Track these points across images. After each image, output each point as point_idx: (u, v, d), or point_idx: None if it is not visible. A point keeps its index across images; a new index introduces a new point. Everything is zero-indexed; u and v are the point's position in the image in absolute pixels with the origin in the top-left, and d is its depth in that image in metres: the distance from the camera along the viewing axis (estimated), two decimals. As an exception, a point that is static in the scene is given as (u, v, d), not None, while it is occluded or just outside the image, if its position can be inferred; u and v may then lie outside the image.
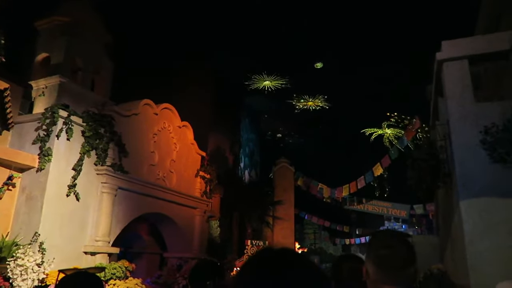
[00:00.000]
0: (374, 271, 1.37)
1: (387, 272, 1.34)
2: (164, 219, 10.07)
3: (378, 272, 1.36)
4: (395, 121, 26.75)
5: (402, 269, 1.33)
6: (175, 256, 10.41)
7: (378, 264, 1.36)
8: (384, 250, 1.37)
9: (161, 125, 9.88)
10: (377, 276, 1.36)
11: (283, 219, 20.25)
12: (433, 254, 9.13)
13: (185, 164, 10.80)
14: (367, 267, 1.41)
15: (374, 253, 1.39)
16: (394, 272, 1.34)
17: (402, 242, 1.38)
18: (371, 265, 1.39)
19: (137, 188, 8.68)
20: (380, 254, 1.37)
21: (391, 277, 1.33)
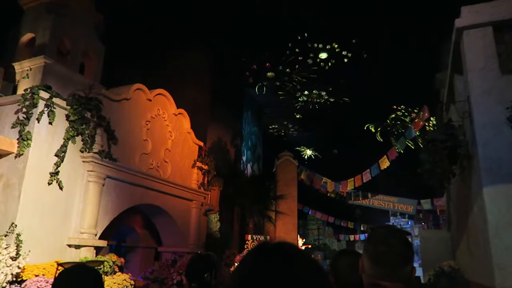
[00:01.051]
0: (370, 266, 1.37)
1: (383, 269, 1.33)
2: (158, 212, 9.54)
3: (374, 267, 1.35)
4: (402, 114, 26.06)
5: (398, 267, 1.33)
6: (169, 250, 9.89)
7: (374, 260, 1.36)
8: (381, 246, 1.35)
9: (154, 112, 9.32)
10: (373, 271, 1.36)
11: (286, 214, 19.71)
12: (444, 250, 8.53)
13: (181, 154, 10.26)
14: (364, 262, 1.41)
15: (372, 248, 1.38)
16: (390, 269, 1.33)
17: (400, 240, 1.37)
18: (368, 260, 1.38)
19: (128, 177, 8.15)
20: (378, 250, 1.36)
21: (387, 273, 1.33)
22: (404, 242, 1.37)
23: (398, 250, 1.34)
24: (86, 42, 8.80)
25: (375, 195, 18.73)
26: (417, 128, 13.28)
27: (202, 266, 2.44)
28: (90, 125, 7.34)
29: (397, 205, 17.80)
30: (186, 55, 14.65)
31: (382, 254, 1.34)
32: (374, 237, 1.42)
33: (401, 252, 1.34)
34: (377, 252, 1.35)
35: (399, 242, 1.36)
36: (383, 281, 1.32)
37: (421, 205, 17.48)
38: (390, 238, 1.37)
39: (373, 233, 1.46)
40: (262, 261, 0.79)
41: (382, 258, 1.34)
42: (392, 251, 1.33)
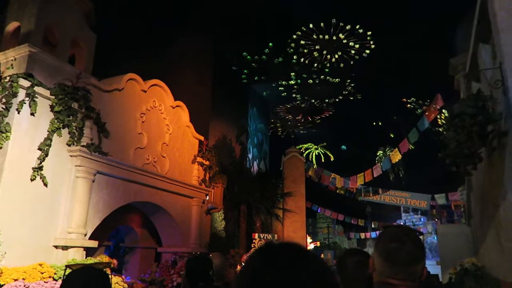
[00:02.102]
0: (381, 264, 1.36)
1: (394, 267, 1.33)
2: (156, 210, 8.99)
3: (385, 265, 1.35)
4: (413, 107, 25.25)
5: (409, 265, 1.33)
6: (169, 251, 9.34)
7: (385, 257, 1.36)
8: (393, 244, 1.35)
9: (150, 104, 8.77)
10: (384, 269, 1.35)
11: (294, 212, 19.06)
12: (464, 246, 7.84)
13: (180, 148, 9.69)
14: (374, 259, 1.41)
15: (383, 246, 1.38)
16: (401, 267, 1.32)
17: (412, 238, 1.36)
18: (378, 258, 1.38)
19: (121, 173, 7.60)
20: (388, 248, 1.36)
21: (397, 271, 1.32)
22: (416, 241, 1.37)
23: (410, 248, 1.34)
24: (76, 31, 8.26)
25: (387, 191, 17.98)
26: (430, 118, 12.57)
27: (204, 265, 2.53)
28: (77, 117, 6.80)
29: (410, 201, 17.02)
30: (186, 49, 14.08)
31: (393, 251, 1.34)
32: (386, 235, 1.42)
33: (413, 251, 1.34)
34: (388, 250, 1.35)
35: (411, 240, 1.36)
36: (393, 279, 1.33)
37: (435, 200, 16.70)
38: (402, 236, 1.37)
39: (385, 231, 1.46)
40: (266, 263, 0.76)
41: (393, 256, 1.34)
42: (403, 249, 1.33)
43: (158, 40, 13.54)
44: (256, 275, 0.75)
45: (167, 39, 13.79)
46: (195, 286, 2.47)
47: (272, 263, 0.75)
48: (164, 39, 13.69)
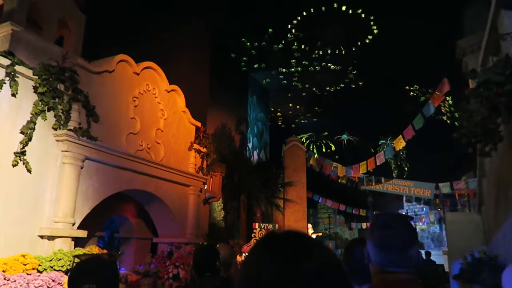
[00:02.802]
0: (376, 253, 1.37)
1: (389, 254, 1.33)
2: (151, 199, 8.60)
3: (380, 253, 1.35)
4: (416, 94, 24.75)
5: (403, 250, 1.33)
6: (165, 241, 8.97)
7: (379, 245, 1.36)
8: (385, 231, 1.36)
9: (143, 88, 8.32)
10: (379, 258, 1.36)
11: (295, 202, 18.73)
12: (474, 235, 7.45)
13: (176, 135, 9.27)
14: (369, 250, 1.40)
15: (376, 234, 1.38)
16: (396, 253, 1.33)
17: (404, 224, 1.38)
18: (373, 247, 1.38)
19: (112, 159, 7.19)
20: (382, 235, 1.36)
21: (393, 258, 1.33)
22: (407, 226, 1.38)
23: (403, 234, 1.35)
24: (63, 11, 7.81)
25: (389, 180, 17.61)
26: (436, 103, 12.12)
27: (211, 256, 2.56)
28: (63, 99, 6.36)
29: (414, 190, 16.64)
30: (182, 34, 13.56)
31: (386, 238, 1.35)
32: (378, 223, 1.42)
33: (406, 236, 1.35)
34: (382, 237, 1.36)
35: (403, 226, 1.37)
36: (390, 267, 1.33)
37: (439, 189, 16.31)
38: (394, 223, 1.38)
39: (376, 219, 1.46)
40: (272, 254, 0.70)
41: (387, 242, 1.34)
42: (396, 235, 1.34)
43: (152, 24, 13.03)
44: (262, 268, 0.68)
45: (162, 23, 13.27)
46: (202, 276, 2.49)
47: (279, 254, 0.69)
48: (159, 23, 13.17)
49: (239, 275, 0.73)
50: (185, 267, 8.35)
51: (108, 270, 1.61)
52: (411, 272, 1.34)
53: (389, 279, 1.33)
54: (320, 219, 33.49)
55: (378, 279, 1.37)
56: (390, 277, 1.33)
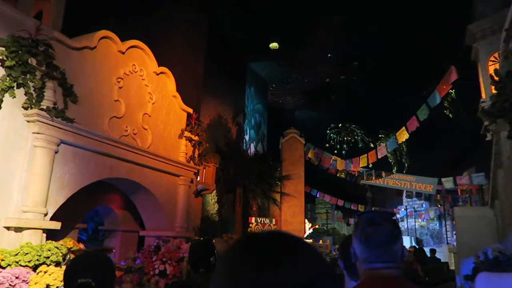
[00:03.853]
0: (362, 250, 1.38)
1: (375, 250, 1.35)
2: (136, 189, 7.97)
3: (366, 250, 1.37)
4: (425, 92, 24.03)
5: (388, 245, 1.35)
6: (152, 234, 8.36)
7: (365, 242, 1.38)
8: (370, 227, 1.39)
9: (129, 68, 7.66)
10: (366, 255, 1.37)
11: (292, 196, 18.15)
12: (486, 231, 6.88)
13: (165, 121, 8.63)
14: (355, 248, 1.43)
15: (361, 232, 1.41)
16: (382, 249, 1.35)
17: (387, 219, 1.40)
18: (359, 244, 1.40)
19: (92, 144, 6.54)
20: (367, 232, 1.38)
21: (379, 254, 1.35)
22: (392, 221, 1.41)
23: (387, 228, 1.37)
24: (42, -19, 7.13)
25: (390, 174, 17.02)
26: (442, 93, 11.50)
27: (206, 251, 2.53)
28: (35, 75, 5.71)
29: (415, 185, 16.05)
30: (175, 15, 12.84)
31: (371, 234, 1.37)
32: (362, 221, 1.43)
33: (390, 230, 1.37)
34: (366, 234, 1.38)
35: (387, 221, 1.39)
36: (376, 263, 1.35)
37: (442, 184, 15.72)
38: (378, 219, 1.40)
39: (361, 217, 1.47)
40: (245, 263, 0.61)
41: (372, 239, 1.37)
42: (381, 231, 1.37)
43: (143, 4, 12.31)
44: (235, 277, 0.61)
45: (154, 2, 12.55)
46: (196, 270, 2.48)
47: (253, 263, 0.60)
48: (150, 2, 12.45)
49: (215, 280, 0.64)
50: (173, 262, 7.75)
51: (104, 265, 1.60)
52: (398, 267, 1.36)
53: (377, 275, 1.34)
54: (317, 214, 32.96)
55: (366, 276, 1.37)
56: (377, 273, 1.35)
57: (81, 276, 1.49)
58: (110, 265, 1.65)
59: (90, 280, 1.48)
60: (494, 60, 9.83)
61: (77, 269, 1.56)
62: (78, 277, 1.49)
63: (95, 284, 1.49)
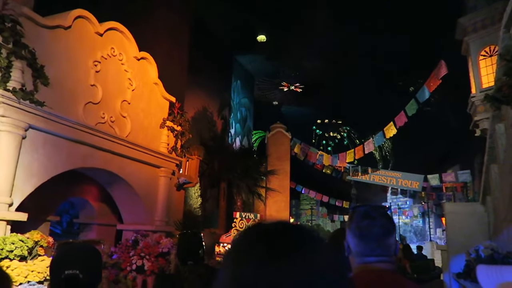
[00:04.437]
0: (356, 243, 1.39)
1: (369, 243, 1.35)
2: (113, 180, 7.53)
3: (360, 244, 1.37)
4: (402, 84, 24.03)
5: (383, 239, 1.36)
6: (130, 228, 7.92)
7: (359, 235, 1.38)
8: (364, 221, 1.39)
9: (107, 51, 7.19)
10: (360, 248, 1.37)
11: (277, 191, 17.88)
12: (477, 228, 6.68)
13: (146, 109, 8.19)
14: (348, 241, 1.43)
15: (355, 225, 1.41)
16: (376, 243, 1.35)
17: (381, 213, 1.41)
18: (353, 238, 1.41)
19: (65, 131, 6.08)
20: (362, 226, 1.39)
21: (373, 247, 1.35)
22: (386, 215, 1.41)
23: (381, 222, 1.37)
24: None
25: (376, 170, 16.89)
26: (431, 88, 11.33)
27: (195, 244, 2.54)
28: (1, 53, 5.22)
29: (401, 181, 15.97)
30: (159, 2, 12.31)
31: (365, 228, 1.37)
32: (357, 214, 1.44)
33: (384, 224, 1.37)
34: (361, 227, 1.38)
35: (381, 215, 1.39)
36: (370, 257, 1.35)
37: (428, 181, 15.66)
38: (372, 212, 1.40)
39: (355, 211, 1.48)
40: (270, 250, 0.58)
41: (366, 232, 1.37)
42: (375, 224, 1.36)
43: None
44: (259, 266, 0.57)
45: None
46: (185, 263, 2.46)
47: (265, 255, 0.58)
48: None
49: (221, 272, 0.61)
50: (151, 257, 7.35)
51: (91, 257, 1.59)
52: (391, 261, 1.37)
53: (370, 268, 1.34)
54: (302, 210, 32.83)
55: (359, 269, 1.37)
56: (371, 266, 1.34)
57: (68, 267, 1.47)
58: (97, 257, 1.62)
59: (77, 272, 1.45)
60: (485, 54, 9.67)
61: (64, 260, 1.53)
62: (65, 268, 1.47)
63: (83, 276, 1.47)
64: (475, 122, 9.51)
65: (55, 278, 1.50)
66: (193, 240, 2.60)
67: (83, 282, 1.46)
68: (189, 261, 2.45)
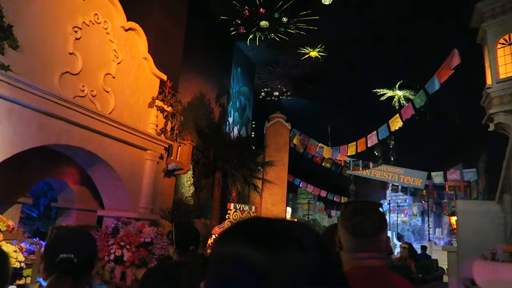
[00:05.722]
0: (348, 239, 1.40)
1: (361, 239, 1.37)
2: (94, 161, 6.84)
3: (352, 240, 1.38)
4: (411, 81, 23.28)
5: (374, 235, 1.37)
6: (112, 215, 7.27)
7: (351, 231, 1.38)
8: (357, 217, 1.39)
9: (90, 17, 6.47)
10: (351, 244, 1.38)
11: (274, 183, 17.20)
12: (491, 228, 6.04)
13: (132, 85, 7.48)
14: (340, 237, 1.44)
15: (347, 221, 1.41)
16: (367, 239, 1.37)
17: (373, 210, 1.42)
18: (345, 234, 1.41)
19: (36, 102, 5.38)
20: (353, 221, 1.39)
21: (365, 243, 1.36)
22: (378, 212, 1.42)
23: (373, 218, 1.38)
24: None
25: (378, 165, 16.21)
26: (442, 78, 10.61)
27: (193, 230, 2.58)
28: (-42, 6, 4.51)
29: (404, 178, 15.31)
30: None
31: (358, 224, 1.37)
32: (349, 210, 1.44)
33: (376, 221, 1.38)
34: (353, 223, 1.38)
35: (373, 212, 1.40)
36: (361, 253, 1.35)
37: (431, 178, 15.00)
38: (364, 209, 1.41)
39: (348, 207, 1.49)
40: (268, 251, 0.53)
41: (358, 228, 1.37)
42: (367, 220, 1.37)
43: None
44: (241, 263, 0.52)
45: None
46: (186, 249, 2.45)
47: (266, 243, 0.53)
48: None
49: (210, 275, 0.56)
50: (132, 247, 6.71)
51: (86, 241, 1.56)
52: (382, 257, 1.37)
53: (362, 265, 1.35)
54: (299, 204, 32.25)
55: (351, 266, 1.37)
56: (363, 263, 1.35)
57: (62, 251, 1.45)
58: (92, 241, 1.62)
59: (72, 256, 1.44)
60: (504, 42, 8.95)
61: (59, 244, 1.51)
62: (59, 252, 1.45)
63: (77, 260, 1.45)
64: (490, 116, 8.80)
65: (50, 262, 1.49)
66: (191, 228, 2.62)
67: (78, 266, 1.45)
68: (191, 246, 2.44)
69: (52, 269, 1.47)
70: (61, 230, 1.66)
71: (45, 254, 1.54)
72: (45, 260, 1.53)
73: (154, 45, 9.41)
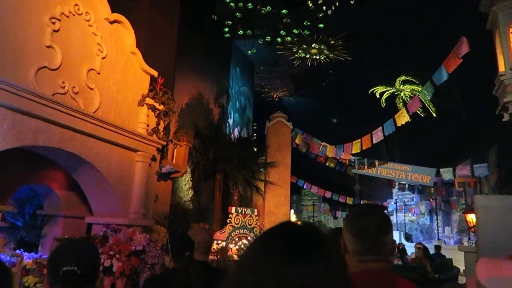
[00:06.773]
0: (353, 242, 1.39)
1: (365, 241, 1.36)
2: (79, 164, 6.31)
3: (356, 242, 1.37)
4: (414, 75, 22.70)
5: (379, 237, 1.36)
6: (101, 222, 6.74)
7: (356, 233, 1.38)
8: (361, 219, 1.39)
9: (69, 8, 5.95)
10: (356, 247, 1.38)
11: (277, 185, 16.64)
12: None
13: (120, 82, 6.96)
14: (345, 240, 1.42)
15: (352, 223, 1.41)
16: (372, 241, 1.35)
17: (378, 212, 1.43)
18: (349, 236, 1.40)
19: (8, 98, 4.86)
20: (358, 224, 1.39)
21: (369, 246, 1.36)
22: (383, 215, 1.42)
23: (378, 221, 1.37)
24: None
25: (384, 163, 15.61)
26: (450, 68, 10.05)
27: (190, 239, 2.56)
28: None
29: (411, 175, 14.70)
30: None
31: (362, 226, 1.37)
32: (354, 213, 1.45)
33: (380, 223, 1.38)
34: (358, 226, 1.38)
35: (377, 214, 1.41)
36: (366, 256, 1.34)
37: (440, 175, 14.39)
38: (369, 211, 1.43)
39: (352, 210, 1.49)
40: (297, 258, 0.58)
41: (363, 230, 1.36)
42: (371, 222, 1.37)
43: None
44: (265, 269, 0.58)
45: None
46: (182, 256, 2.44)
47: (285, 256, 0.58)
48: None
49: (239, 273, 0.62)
50: (122, 256, 6.17)
51: (89, 252, 1.56)
52: (387, 260, 1.37)
53: (367, 267, 1.34)
54: (303, 206, 31.65)
55: (356, 268, 1.35)
56: (367, 265, 1.34)
57: (66, 263, 1.45)
58: (95, 253, 1.62)
59: (75, 268, 1.44)
60: (517, 27, 8.41)
61: (62, 256, 1.50)
62: (63, 264, 1.45)
63: (81, 272, 1.44)
64: (504, 105, 8.25)
65: (53, 275, 1.47)
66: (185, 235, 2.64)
67: (81, 278, 1.43)
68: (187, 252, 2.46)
69: (56, 281, 1.46)
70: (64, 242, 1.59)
71: (48, 266, 1.55)
72: (49, 272, 1.53)
73: (144, 40, 8.91)
